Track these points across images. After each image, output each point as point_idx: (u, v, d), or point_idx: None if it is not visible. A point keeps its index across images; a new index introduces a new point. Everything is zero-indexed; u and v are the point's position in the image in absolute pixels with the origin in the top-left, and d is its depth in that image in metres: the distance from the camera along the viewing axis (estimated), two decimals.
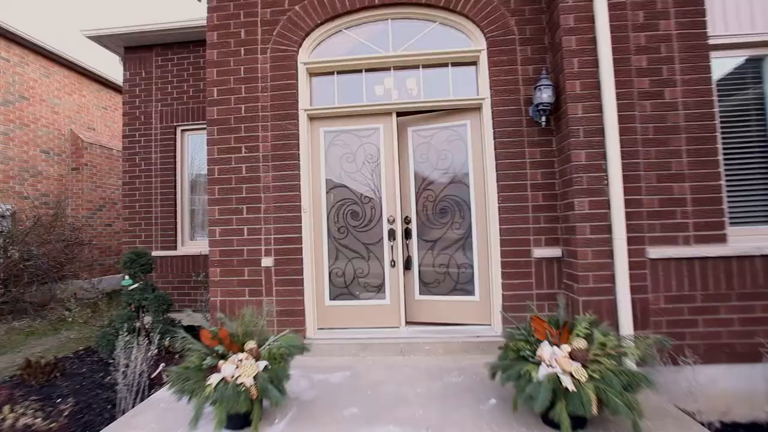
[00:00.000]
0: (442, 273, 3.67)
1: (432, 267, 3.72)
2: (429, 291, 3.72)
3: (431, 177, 3.76)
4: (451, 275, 3.64)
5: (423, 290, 3.74)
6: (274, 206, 3.41)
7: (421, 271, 3.75)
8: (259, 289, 3.38)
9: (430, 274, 3.72)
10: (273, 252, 3.38)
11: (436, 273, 3.69)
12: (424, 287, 3.74)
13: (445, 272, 3.67)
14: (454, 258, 3.63)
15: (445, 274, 3.66)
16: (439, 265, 3.69)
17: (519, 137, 3.27)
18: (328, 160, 3.64)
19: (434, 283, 3.70)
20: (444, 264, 3.67)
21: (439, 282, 3.68)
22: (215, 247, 3.45)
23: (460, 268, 3.61)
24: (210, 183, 3.49)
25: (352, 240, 3.59)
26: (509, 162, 3.26)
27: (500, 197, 3.26)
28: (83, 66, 8.45)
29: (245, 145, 3.46)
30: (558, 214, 3.20)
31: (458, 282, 3.61)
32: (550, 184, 3.23)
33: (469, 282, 3.56)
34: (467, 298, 3.57)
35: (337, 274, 3.59)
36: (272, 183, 3.42)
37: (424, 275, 3.75)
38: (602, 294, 2.82)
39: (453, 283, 3.64)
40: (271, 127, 3.45)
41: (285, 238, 3.38)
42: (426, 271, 3.74)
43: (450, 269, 3.65)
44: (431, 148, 3.77)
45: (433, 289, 3.71)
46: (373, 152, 3.61)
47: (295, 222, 3.38)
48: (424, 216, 3.77)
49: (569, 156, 2.94)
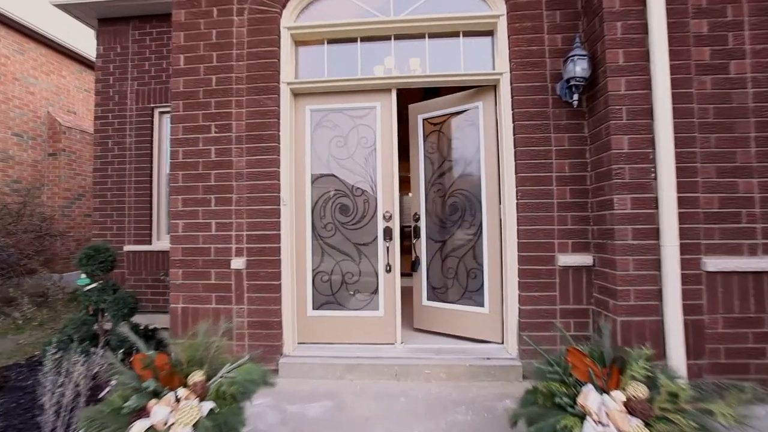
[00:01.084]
0: (451, 278, 3.17)
1: (440, 270, 3.23)
2: (437, 297, 3.24)
3: (441, 169, 3.26)
4: (460, 281, 3.13)
5: (431, 295, 3.27)
6: (247, 197, 2.85)
7: (430, 274, 3.27)
8: (228, 296, 2.83)
9: (438, 279, 3.24)
10: (245, 252, 2.83)
11: (444, 277, 3.20)
12: (432, 292, 3.26)
13: (453, 277, 3.16)
14: (463, 261, 3.11)
15: (454, 279, 3.16)
16: (448, 269, 3.18)
17: (544, 120, 2.71)
18: (315, 144, 3.09)
19: (442, 288, 3.21)
20: (452, 268, 3.16)
21: (448, 288, 3.19)
22: (178, 245, 2.90)
23: (469, 273, 3.08)
24: (173, 168, 2.93)
25: (340, 239, 3.05)
26: (531, 150, 2.71)
27: (519, 192, 2.70)
28: (62, 44, 7.86)
29: (215, 124, 2.90)
30: (589, 213, 2.65)
31: (467, 289, 3.09)
32: (580, 177, 2.67)
33: (479, 290, 3.02)
34: (476, 309, 3.03)
35: (323, 278, 3.05)
36: (246, 169, 2.86)
37: (432, 279, 3.26)
38: (646, 314, 2.28)
39: (461, 290, 3.12)
40: (246, 103, 2.89)
41: (260, 235, 2.83)
42: (434, 275, 3.26)
43: (459, 274, 3.13)
44: (442, 137, 3.27)
45: (441, 294, 3.22)
46: (368, 135, 3.05)
47: (272, 216, 2.83)
48: (433, 213, 3.28)
49: (608, 143, 2.38)
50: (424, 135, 3.41)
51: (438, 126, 3.33)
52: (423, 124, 3.42)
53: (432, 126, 3.37)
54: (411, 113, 3.47)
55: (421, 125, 3.42)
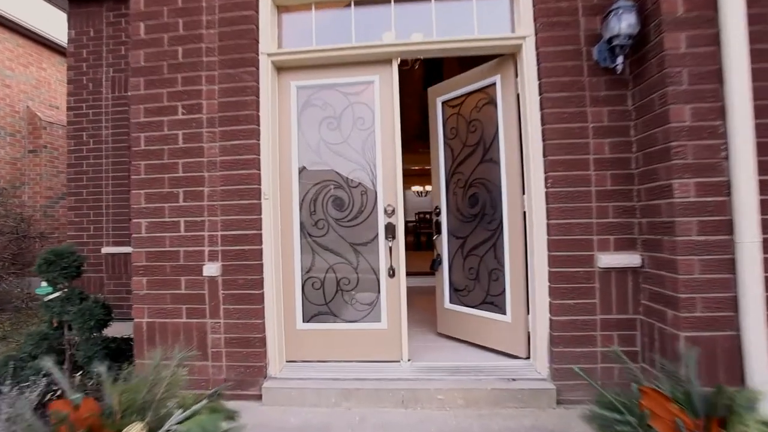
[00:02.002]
0: (473, 279, 2.76)
1: (462, 270, 2.83)
2: (459, 299, 2.85)
3: (461, 157, 2.86)
4: (482, 283, 2.72)
5: (453, 298, 2.90)
6: (222, 190, 2.39)
7: (452, 274, 2.90)
8: (200, 308, 2.38)
9: (460, 279, 2.85)
10: (220, 255, 2.38)
11: (466, 278, 2.80)
12: (455, 294, 2.89)
13: (475, 278, 2.75)
14: (484, 261, 2.69)
15: (475, 281, 2.75)
16: (470, 270, 2.78)
17: (578, 91, 2.23)
18: (303, 127, 2.62)
19: (464, 290, 2.83)
20: (474, 268, 2.75)
21: (470, 290, 2.79)
22: (140, 248, 2.44)
23: (491, 275, 2.64)
24: (134, 157, 2.47)
25: (334, 238, 2.58)
26: (563, 128, 2.23)
27: (549, 179, 2.23)
28: (41, 33, 7.39)
29: (183, 104, 2.44)
30: (635, 203, 2.17)
31: (488, 293, 2.66)
32: (623, 159, 2.19)
33: (500, 295, 2.57)
34: (497, 317, 2.59)
35: (314, 285, 2.59)
36: (220, 157, 2.40)
37: (454, 279, 2.89)
38: (717, 327, 1.81)
39: (483, 294, 2.70)
40: (219, 79, 2.42)
41: (237, 235, 2.37)
42: (457, 275, 2.88)
43: (480, 275, 2.72)
44: (460, 120, 2.85)
45: (463, 297, 2.83)
46: (365, 115, 2.58)
47: (251, 213, 2.37)
48: (454, 206, 2.88)
49: (663, 115, 1.90)
50: (444, 120, 3.01)
51: (457, 108, 2.92)
52: (442, 108, 3.02)
53: (451, 109, 2.97)
54: (430, 97, 3.10)
55: (440, 109, 3.03)
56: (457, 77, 2.90)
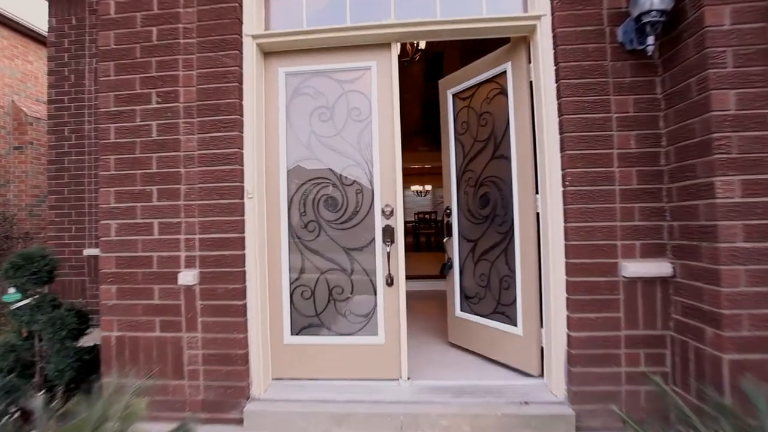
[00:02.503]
0: (483, 286, 2.54)
1: (473, 276, 2.60)
2: (470, 308, 2.63)
3: (472, 153, 2.63)
4: (492, 291, 2.48)
5: (464, 305, 2.68)
6: (200, 188, 2.14)
7: (463, 280, 2.68)
8: (176, 321, 2.13)
9: (471, 286, 2.62)
10: (198, 261, 2.12)
11: (477, 285, 2.58)
12: (466, 302, 2.67)
13: (486, 285, 2.52)
14: (495, 267, 2.45)
15: (486, 288, 2.52)
16: (480, 275, 2.55)
17: (600, 77, 1.98)
18: (292, 118, 2.36)
19: (475, 298, 2.60)
20: (485, 274, 2.52)
21: (480, 298, 2.57)
22: (110, 252, 2.19)
23: (501, 282, 2.41)
24: (103, 150, 2.21)
25: (326, 242, 2.33)
26: (583, 119, 1.98)
27: (568, 177, 1.98)
28: (27, 25, 7.11)
29: (158, 92, 2.18)
30: (665, 204, 1.92)
31: (499, 302, 2.43)
32: (651, 154, 1.94)
33: (512, 305, 2.33)
34: (508, 329, 2.35)
35: (304, 294, 2.34)
36: (198, 151, 2.14)
37: (465, 286, 2.67)
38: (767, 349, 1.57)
39: (494, 303, 2.47)
40: (198, 63, 2.17)
41: (217, 239, 2.11)
42: (468, 281, 2.65)
43: (491, 282, 2.49)
44: (471, 113, 2.63)
45: (474, 305, 2.61)
46: (361, 105, 2.32)
47: (233, 213, 2.11)
48: (465, 206, 2.65)
49: (703, 102, 1.65)
50: (455, 114, 2.78)
51: (467, 101, 2.69)
52: (453, 102, 2.79)
53: (462, 102, 2.74)
54: (441, 90, 2.87)
55: (451, 103, 2.80)
56: (466, 67, 2.67)
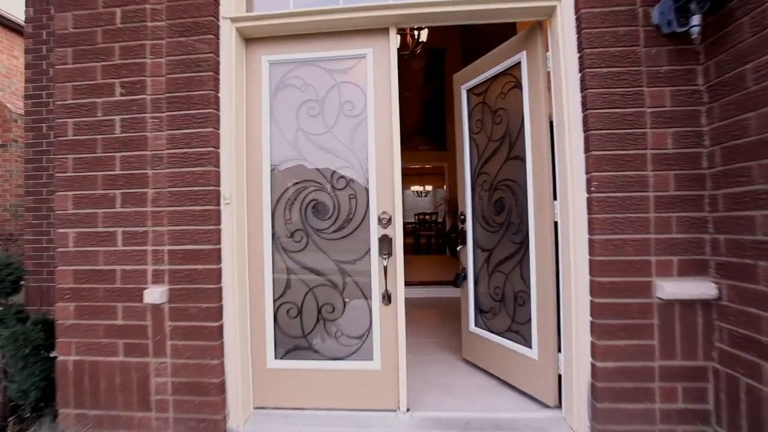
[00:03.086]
0: (498, 300, 2.28)
1: (487, 288, 2.35)
2: (485, 323, 2.39)
3: (486, 153, 2.37)
4: (507, 306, 2.23)
5: (478, 320, 2.44)
6: (170, 193, 1.86)
7: (477, 292, 2.44)
8: (142, 344, 1.86)
9: (486, 299, 2.38)
10: (167, 276, 1.85)
11: (492, 299, 2.33)
12: (480, 316, 2.43)
13: (500, 300, 2.27)
14: (510, 280, 2.20)
15: (501, 303, 2.27)
16: (495, 289, 2.30)
17: (631, 66, 1.70)
18: (276, 113, 2.08)
19: (489, 313, 2.36)
20: (499, 287, 2.27)
21: (494, 313, 2.32)
22: (67, 265, 1.91)
23: (516, 297, 2.15)
24: (59, 149, 1.94)
25: (315, 254, 2.06)
26: (612, 115, 1.70)
27: (594, 181, 1.70)
28: (11, 18, 6.81)
29: (122, 82, 1.91)
30: (707, 214, 1.65)
31: (514, 319, 2.18)
32: (691, 156, 1.67)
33: (526, 324, 2.07)
34: (522, 350, 2.09)
35: (290, 312, 2.07)
36: (168, 150, 1.87)
37: (480, 299, 2.43)
38: None
39: (509, 320, 2.21)
40: (168, 49, 1.89)
41: (189, 251, 1.84)
42: (482, 294, 2.41)
43: (506, 296, 2.24)
44: (485, 110, 2.37)
45: (488, 321, 2.36)
46: (355, 99, 2.05)
47: (207, 222, 1.84)
48: (479, 212, 2.40)
49: (761, 94, 1.38)
50: (469, 111, 2.52)
51: (481, 96, 2.43)
52: (467, 98, 2.54)
53: (476, 98, 2.48)
54: (455, 86, 2.62)
55: (465, 99, 2.54)
56: (480, 59, 2.41)
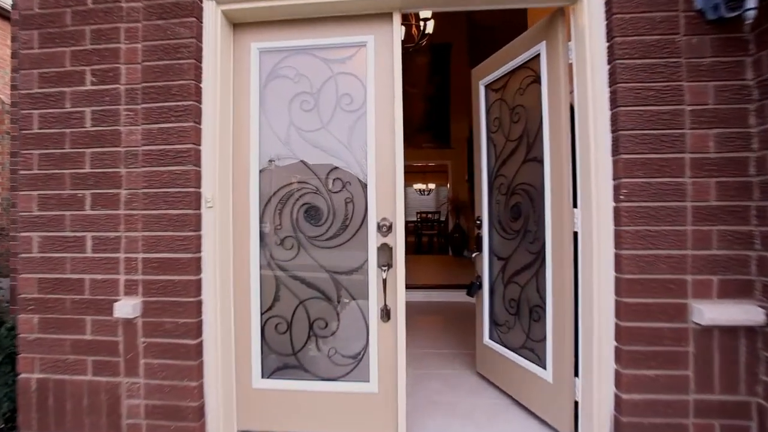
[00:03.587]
0: (513, 314, 2.10)
1: (503, 300, 2.18)
2: (499, 337, 2.23)
3: (504, 154, 2.19)
4: (522, 321, 2.05)
5: (493, 333, 2.27)
6: (145, 194, 1.67)
7: (493, 303, 2.27)
8: (113, 362, 1.67)
9: (501, 311, 2.21)
10: (141, 288, 1.66)
11: (506, 311, 2.15)
12: (495, 329, 2.26)
13: (515, 313, 2.09)
14: (525, 293, 2.02)
15: (516, 316, 2.08)
16: (510, 301, 2.12)
17: (670, 57, 1.49)
18: (267, 107, 1.88)
19: (504, 326, 2.18)
20: (515, 299, 2.09)
21: (509, 327, 2.14)
22: (31, 273, 1.73)
23: (532, 312, 1.97)
24: (25, 144, 1.75)
25: (307, 264, 1.86)
26: (646, 112, 1.49)
27: (622, 189, 1.50)
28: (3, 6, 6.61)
29: (93, 70, 1.71)
30: (754, 228, 1.44)
31: (529, 335, 2.00)
32: (736, 161, 1.46)
33: (542, 342, 1.87)
34: (537, 370, 1.91)
35: (278, 327, 1.87)
36: (143, 146, 1.67)
37: (495, 310, 2.27)
38: None
39: (523, 336, 2.03)
40: (144, 33, 1.69)
41: (165, 260, 1.65)
42: (497, 305, 2.24)
43: (521, 310, 2.05)
44: (503, 107, 2.19)
45: (503, 334, 2.19)
46: (354, 92, 1.84)
47: (185, 228, 1.65)
48: (496, 217, 2.24)
49: None
50: (487, 108, 2.33)
51: (499, 93, 2.24)
52: (486, 94, 2.35)
53: (494, 94, 2.29)
54: (473, 81, 2.44)
55: (483, 95, 2.36)
56: (499, 52, 2.22)
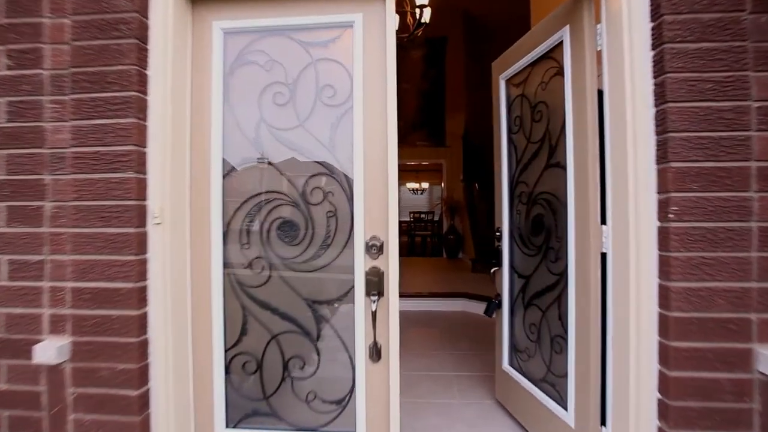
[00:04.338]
0: (533, 341, 1.84)
1: (522, 323, 1.91)
2: (519, 364, 1.97)
3: (525, 158, 1.91)
4: (543, 350, 1.78)
5: (512, 358, 2.08)
6: (75, 208, 1.33)
7: (513, 324, 2.00)
8: (34, 419, 1.34)
9: (521, 335, 1.94)
10: (70, 325, 1.33)
11: (527, 337, 1.88)
12: (514, 355, 2.01)
13: (536, 340, 1.82)
14: (546, 318, 1.75)
15: (536, 344, 1.81)
16: (530, 326, 1.85)
17: (732, 40, 1.19)
18: (232, 100, 1.55)
19: (524, 353, 1.92)
20: (535, 324, 1.82)
21: (530, 355, 1.87)
22: None
23: (553, 342, 1.71)
24: None
25: (281, 291, 1.54)
26: (701, 110, 1.20)
27: (672, 205, 1.20)
28: None
29: (8, 50, 1.36)
30: None
31: (549, 368, 1.73)
32: None
33: (563, 378, 1.59)
34: (557, 409, 1.64)
35: (247, 367, 1.55)
36: (73, 148, 1.34)
37: (514, 333, 2.01)
38: None
39: (544, 367, 1.76)
40: (73, 6, 1.35)
41: (101, 290, 1.32)
42: (517, 328, 1.98)
43: (542, 338, 1.78)
44: (525, 104, 1.90)
45: (523, 362, 1.93)
46: (337, 82, 1.51)
47: (125, 250, 1.32)
48: (516, 229, 1.98)
49: None
50: (508, 106, 2.06)
51: (520, 87, 1.95)
52: (506, 89, 2.07)
53: (515, 89, 2.01)
54: (494, 75, 2.17)
55: (504, 91, 2.08)
56: (518, 41, 1.95)
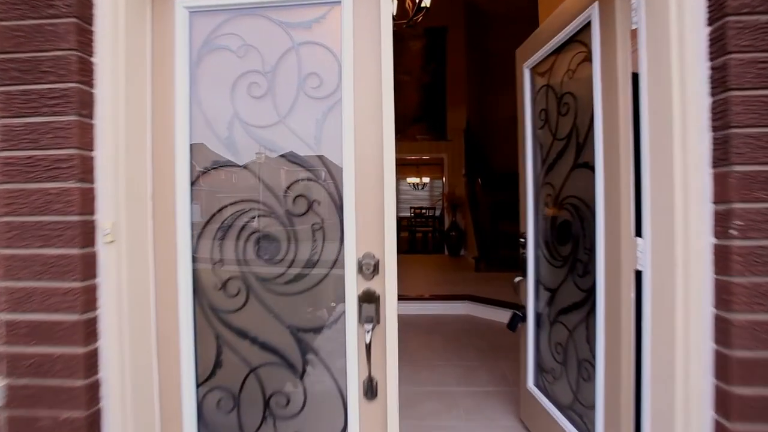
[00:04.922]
0: (560, 362, 1.65)
1: (548, 341, 1.73)
2: (544, 385, 1.80)
3: (551, 157, 1.70)
4: (569, 374, 1.59)
5: (537, 379, 1.89)
6: (7, 225, 1.11)
7: (538, 341, 1.88)
8: None
9: (547, 354, 1.76)
10: (5, 365, 1.12)
11: (553, 357, 1.70)
12: (540, 375, 1.83)
13: (562, 362, 1.63)
14: (574, 338, 1.55)
15: (563, 366, 1.63)
16: (556, 345, 1.67)
17: None
18: (200, 93, 1.31)
19: (550, 374, 1.74)
20: (561, 344, 1.63)
21: (555, 377, 1.69)
22: None
23: (580, 366, 1.52)
24: None
25: (260, 316, 1.32)
26: None
27: (734, 218, 0.98)
28: None
29: None
30: None
31: (576, 396, 1.54)
32: None
33: (590, 408, 1.40)
34: None
35: (222, 404, 1.34)
36: (2, 152, 1.11)
37: (540, 352, 1.83)
38: None
39: (570, 394, 1.57)
40: None
41: (41, 324, 1.10)
42: (543, 346, 1.81)
43: (568, 360, 1.59)
44: (550, 96, 1.69)
45: (548, 384, 1.75)
46: (324, 70, 1.28)
47: (69, 275, 1.10)
48: (542, 236, 1.79)
49: None
50: (532, 97, 1.84)
51: (545, 77, 1.73)
52: (531, 80, 1.85)
53: (540, 78, 1.79)
54: (518, 64, 1.97)
55: (528, 81, 1.87)
56: (543, 24, 1.72)
